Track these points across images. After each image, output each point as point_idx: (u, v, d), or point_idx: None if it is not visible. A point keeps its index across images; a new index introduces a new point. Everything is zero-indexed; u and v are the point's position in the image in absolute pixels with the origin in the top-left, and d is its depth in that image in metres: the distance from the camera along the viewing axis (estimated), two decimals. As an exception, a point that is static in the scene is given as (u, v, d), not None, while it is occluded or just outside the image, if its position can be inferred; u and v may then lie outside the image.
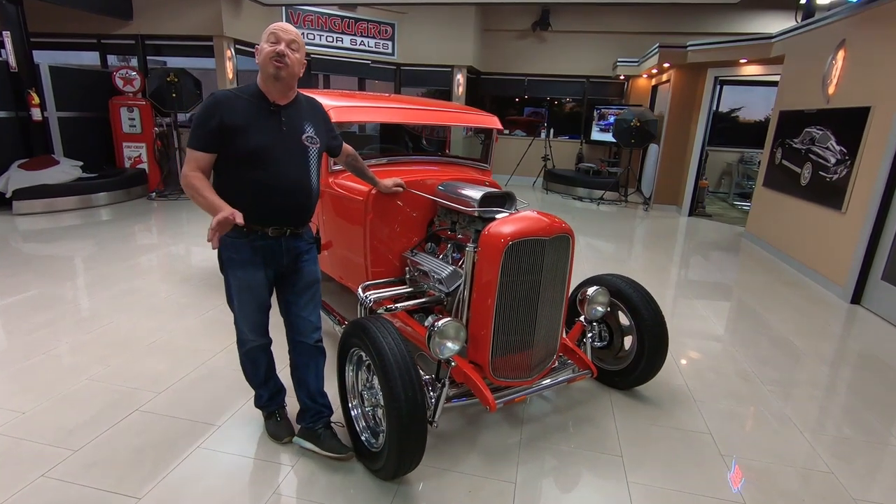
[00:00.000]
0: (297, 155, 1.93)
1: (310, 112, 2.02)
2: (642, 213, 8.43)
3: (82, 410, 2.34)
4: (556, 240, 2.20)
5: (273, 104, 1.87)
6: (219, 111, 1.78)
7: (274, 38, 1.81)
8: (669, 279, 5.08)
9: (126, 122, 7.52)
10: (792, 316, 4.10)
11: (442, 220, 2.78)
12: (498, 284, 2.12)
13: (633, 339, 2.66)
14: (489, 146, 3.35)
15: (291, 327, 2.10)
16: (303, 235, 2.04)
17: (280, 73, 1.81)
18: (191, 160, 1.80)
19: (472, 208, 2.42)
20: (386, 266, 2.83)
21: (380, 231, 2.74)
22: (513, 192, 2.52)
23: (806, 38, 5.68)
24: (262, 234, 1.91)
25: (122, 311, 3.48)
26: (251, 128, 1.82)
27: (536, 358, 2.33)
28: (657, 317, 2.58)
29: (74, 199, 6.56)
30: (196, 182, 1.77)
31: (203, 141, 1.79)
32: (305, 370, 2.12)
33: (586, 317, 2.56)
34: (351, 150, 2.38)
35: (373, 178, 2.53)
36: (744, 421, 2.58)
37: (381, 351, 1.86)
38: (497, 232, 2.13)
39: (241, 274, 1.94)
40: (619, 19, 10.13)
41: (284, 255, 1.98)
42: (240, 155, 1.81)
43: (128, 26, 7.86)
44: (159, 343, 3.05)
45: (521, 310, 2.21)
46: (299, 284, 2.06)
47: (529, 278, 2.18)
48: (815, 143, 5.20)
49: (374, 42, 9.80)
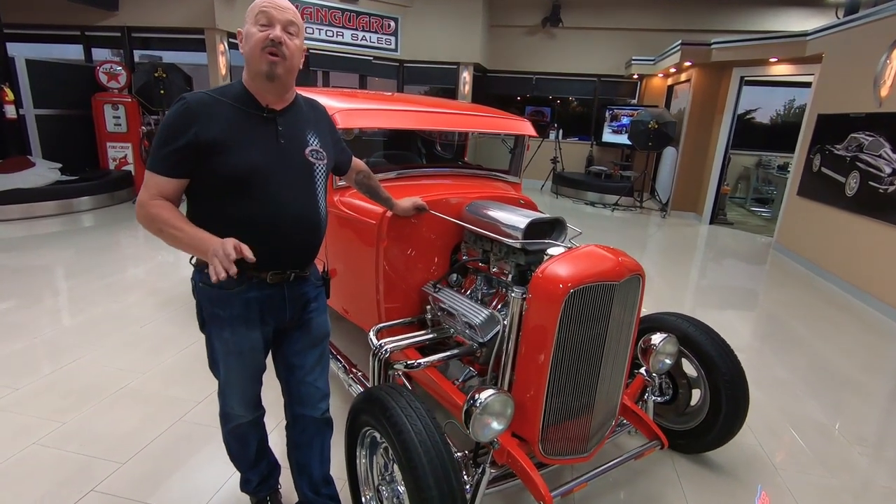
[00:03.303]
0: (300, 176, 1.45)
1: (312, 118, 1.54)
2: (659, 221, 7.97)
3: (21, 494, 1.85)
4: (626, 283, 1.73)
5: (266, 109, 1.39)
6: (193, 122, 1.29)
7: (265, 18, 1.32)
8: (701, 298, 4.62)
9: (111, 121, 6.99)
10: (850, 347, 3.64)
11: (470, 248, 2.30)
12: (555, 340, 1.64)
13: (703, 394, 2.20)
14: (520, 155, 2.86)
15: (293, 396, 1.63)
16: (309, 278, 1.56)
17: (275, 70, 1.33)
18: (151, 188, 1.31)
19: (515, 239, 1.95)
20: (401, 301, 2.35)
21: (395, 261, 2.25)
22: (563, 219, 2.04)
23: (851, 35, 5.21)
24: (259, 281, 1.43)
25: (89, 344, 2.98)
26: (238, 143, 1.33)
27: (595, 425, 1.86)
28: (736, 370, 2.11)
29: (53, 204, 6.03)
30: (162, 212, 1.29)
31: (170, 163, 1.30)
32: (308, 451, 1.65)
33: (650, 370, 2.09)
34: (362, 166, 1.90)
35: (388, 198, 2.05)
36: (844, 501, 2.11)
37: (407, 442, 1.39)
38: (553, 275, 1.65)
39: (229, 336, 1.46)
40: (634, 15, 9.64)
41: (288, 306, 1.50)
42: (223, 180, 1.33)
43: (113, 17, 7.31)
44: (130, 389, 2.56)
45: (582, 368, 1.74)
46: (304, 341, 1.58)
47: (593, 330, 1.71)
48: (864, 151, 4.74)
49: (377, 37, 9.29)
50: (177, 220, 1.29)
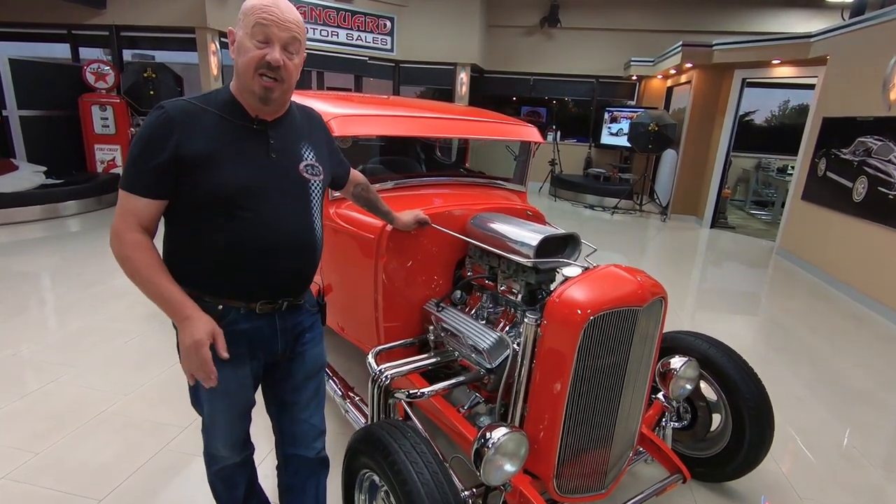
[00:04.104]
0: (294, 194, 1.29)
1: (307, 128, 1.38)
2: (660, 224, 7.85)
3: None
4: (649, 307, 1.58)
5: (256, 120, 1.24)
6: (172, 134, 1.14)
7: (263, 35, 1.15)
8: (707, 307, 4.49)
9: (98, 122, 6.79)
10: (867, 360, 3.52)
11: (475, 264, 2.15)
12: (573, 369, 1.50)
13: (724, 419, 2.06)
14: (526, 163, 2.71)
15: (285, 436, 1.47)
16: (303, 305, 1.40)
17: (271, 95, 1.19)
18: (127, 213, 1.15)
19: (526, 257, 1.80)
20: (401, 320, 2.19)
21: (395, 277, 2.10)
22: (577, 235, 1.89)
23: (857, 37, 5.11)
24: (247, 312, 1.28)
25: (70, 362, 2.81)
26: (224, 157, 1.18)
27: (613, 457, 1.72)
28: (760, 395, 1.97)
29: (38, 208, 5.83)
30: (139, 255, 1.14)
31: (147, 181, 1.15)
32: (302, 496, 1.49)
33: (669, 395, 1.95)
34: (360, 178, 1.75)
35: (388, 212, 1.90)
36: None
37: (412, 494, 1.24)
38: (571, 300, 1.50)
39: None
40: (633, 16, 9.51)
41: (280, 338, 1.35)
42: (207, 200, 1.18)
43: (101, 16, 7.11)
44: (110, 413, 2.39)
45: (601, 398, 1.60)
46: (298, 375, 1.43)
47: (614, 359, 1.57)
48: (873, 155, 4.63)
49: (372, 37, 9.12)
50: (153, 271, 1.15)
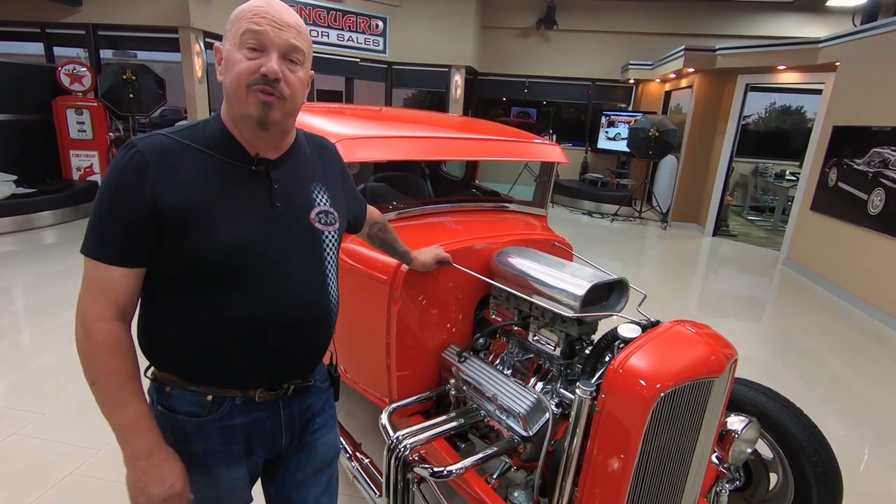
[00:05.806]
0: (304, 251, 1.02)
1: (319, 163, 1.10)
2: (660, 232, 7.67)
3: None
4: (725, 376, 1.34)
5: (256, 160, 0.96)
6: (148, 181, 0.86)
7: (255, 40, 0.88)
8: (721, 324, 4.28)
9: (74, 127, 6.39)
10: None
11: (501, 307, 1.89)
12: (639, 451, 1.25)
13: (783, 481, 1.83)
14: (548, 185, 2.45)
15: None
16: (314, 385, 1.13)
17: (270, 115, 0.90)
18: (96, 289, 0.88)
19: (569, 307, 1.54)
20: (416, 368, 1.92)
21: (410, 322, 1.83)
22: (626, 280, 1.64)
23: (871, 43, 4.94)
24: (244, 402, 1.00)
25: (36, 408, 2.49)
26: (216, 211, 0.90)
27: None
28: (827, 456, 1.74)
29: (8, 220, 5.44)
30: (110, 360, 0.88)
31: (118, 244, 0.87)
32: None
33: (727, 459, 1.70)
34: (377, 216, 1.47)
35: (406, 252, 1.62)
36: None
37: None
38: (636, 371, 1.25)
39: (201, 479, 1.00)
40: (631, 19, 9.32)
41: (285, 430, 1.07)
42: (194, 267, 0.90)
43: (77, 13, 6.70)
44: (78, 476, 2.08)
45: (667, 478, 1.35)
46: (307, 469, 1.15)
47: (685, 434, 1.32)
48: (890, 167, 4.47)
49: (364, 38, 8.81)
50: (123, 389, 0.89)
